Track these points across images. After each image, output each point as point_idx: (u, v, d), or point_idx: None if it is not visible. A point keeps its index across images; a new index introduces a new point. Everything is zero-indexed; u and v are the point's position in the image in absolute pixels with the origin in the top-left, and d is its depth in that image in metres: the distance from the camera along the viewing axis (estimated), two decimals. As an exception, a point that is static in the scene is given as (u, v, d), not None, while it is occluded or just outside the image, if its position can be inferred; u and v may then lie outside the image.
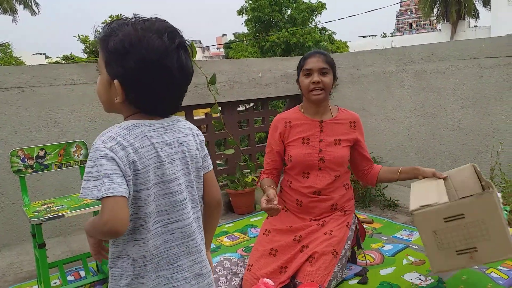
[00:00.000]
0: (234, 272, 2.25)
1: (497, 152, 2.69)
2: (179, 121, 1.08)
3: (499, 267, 2.24)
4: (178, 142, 1.05)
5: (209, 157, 1.15)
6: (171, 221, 1.03)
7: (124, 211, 0.92)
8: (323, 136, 2.15)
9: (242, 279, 2.13)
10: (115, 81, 0.97)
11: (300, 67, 2.16)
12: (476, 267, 2.26)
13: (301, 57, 2.24)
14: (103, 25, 1.00)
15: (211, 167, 1.15)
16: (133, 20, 0.98)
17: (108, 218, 0.90)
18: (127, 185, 0.93)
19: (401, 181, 2.25)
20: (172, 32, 0.98)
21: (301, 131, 2.16)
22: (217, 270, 2.29)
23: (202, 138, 1.13)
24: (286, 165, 2.25)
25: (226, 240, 2.84)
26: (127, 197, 0.93)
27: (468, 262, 1.69)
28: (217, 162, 3.68)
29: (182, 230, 1.06)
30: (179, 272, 1.06)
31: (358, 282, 2.17)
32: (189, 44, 1.02)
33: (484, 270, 2.23)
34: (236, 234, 2.95)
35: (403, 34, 37.65)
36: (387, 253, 2.49)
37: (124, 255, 1.01)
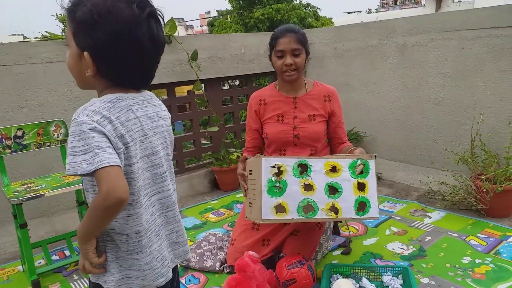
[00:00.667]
0: (219, 247, 2.27)
1: (478, 123, 2.73)
2: (153, 96, 1.08)
3: (478, 235, 2.31)
4: (158, 116, 1.05)
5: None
6: (152, 194, 1.04)
7: (124, 179, 0.89)
8: (297, 112, 2.12)
9: (226, 253, 2.15)
10: (85, 53, 0.93)
11: (272, 46, 2.08)
12: (455, 235, 2.33)
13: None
14: None
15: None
16: None
17: (109, 188, 0.86)
18: (119, 158, 0.91)
19: None
20: (142, 2, 0.94)
21: (276, 108, 2.14)
22: (202, 245, 2.30)
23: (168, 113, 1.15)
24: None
25: (212, 216, 2.86)
26: (122, 168, 0.91)
27: (250, 215, 1.74)
28: (201, 141, 3.65)
29: (161, 201, 1.07)
30: (164, 241, 1.09)
31: (341, 253, 2.21)
32: (160, 14, 0.99)
33: (464, 237, 2.29)
34: (222, 210, 2.96)
35: (388, 10, 37.49)
36: (370, 224, 2.54)
37: (115, 234, 0.99)
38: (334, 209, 1.66)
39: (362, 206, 1.69)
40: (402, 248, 2.23)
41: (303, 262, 1.82)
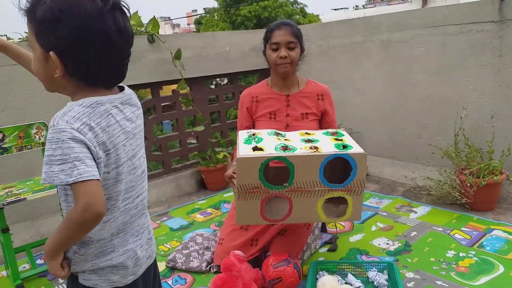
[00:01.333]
0: (206, 247, 2.26)
1: (461, 118, 2.76)
2: (133, 94, 1.05)
3: (463, 228, 2.34)
4: (135, 115, 1.03)
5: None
6: (135, 196, 1.04)
7: (102, 193, 0.89)
8: (290, 110, 2.11)
9: (213, 253, 2.15)
10: (51, 53, 0.89)
11: (266, 39, 2.08)
12: (440, 229, 2.35)
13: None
14: None
15: None
16: None
17: (88, 202, 0.85)
18: (97, 167, 0.89)
19: None
20: None
21: (268, 105, 2.13)
22: (189, 246, 2.29)
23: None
24: None
25: (199, 216, 2.85)
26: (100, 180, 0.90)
27: (235, 193, 1.72)
28: (187, 141, 3.63)
29: (143, 202, 1.08)
30: (140, 240, 1.08)
31: (328, 250, 2.22)
32: (125, 5, 0.95)
33: (449, 232, 2.32)
34: (209, 210, 2.95)
35: (375, 6, 37.68)
36: (356, 221, 2.55)
37: (90, 240, 0.98)
38: (312, 148, 1.62)
39: (343, 147, 1.63)
40: (388, 244, 2.24)
41: (289, 261, 1.82)
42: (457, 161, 2.68)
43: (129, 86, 1.07)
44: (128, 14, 0.96)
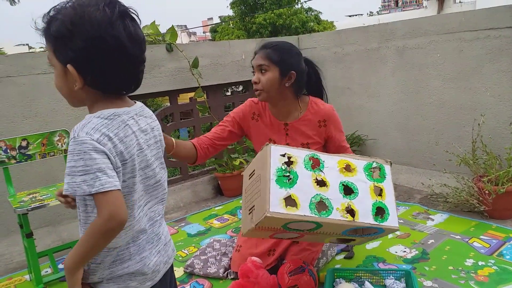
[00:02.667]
0: (223, 253, 2.28)
1: (479, 125, 2.74)
2: (144, 107, 1.08)
3: (481, 237, 2.31)
4: (150, 127, 1.06)
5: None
6: (144, 204, 1.05)
7: (123, 202, 0.92)
8: (289, 140, 1.94)
9: (231, 259, 2.17)
10: (68, 66, 0.92)
11: None
12: (458, 237, 2.33)
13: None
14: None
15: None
16: (69, 0, 0.94)
17: (111, 212, 0.88)
18: (118, 177, 0.93)
19: None
20: (110, 2, 0.93)
21: (267, 131, 1.96)
22: (206, 252, 2.32)
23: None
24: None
25: (215, 223, 2.87)
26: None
27: (250, 223, 1.44)
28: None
29: (153, 210, 1.10)
30: (155, 247, 1.10)
31: (344, 257, 2.22)
32: (134, 11, 0.98)
33: (467, 240, 2.29)
34: (226, 216, 2.98)
35: (390, 12, 37.49)
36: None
37: (106, 249, 0.99)
38: (350, 211, 1.44)
39: (380, 211, 1.49)
40: (405, 251, 2.23)
41: (304, 268, 1.83)
42: (475, 168, 2.66)
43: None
44: (137, 21, 0.98)
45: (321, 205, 1.42)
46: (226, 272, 2.11)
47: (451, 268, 2.02)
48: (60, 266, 2.41)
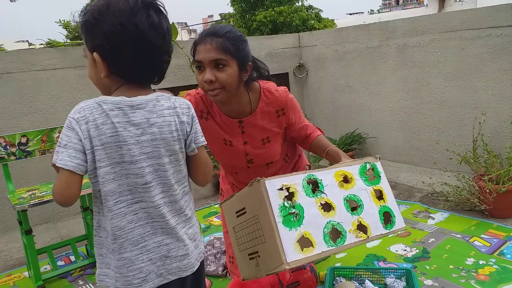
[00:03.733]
0: (223, 251, 2.28)
1: (479, 123, 2.73)
2: (157, 100, 1.02)
3: (482, 235, 2.31)
4: (148, 123, 1.00)
5: (197, 138, 1.09)
6: (134, 201, 1.01)
7: (70, 186, 0.95)
8: (246, 137, 1.67)
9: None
10: (94, 54, 0.97)
11: (193, 55, 1.51)
12: (459, 236, 2.32)
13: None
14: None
15: (196, 151, 1.10)
16: None
17: (54, 188, 0.96)
18: (86, 159, 0.95)
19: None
20: None
21: (220, 131, 1.67)
22: (206, 250, 2.31)
23: (186, 117, 1.06)
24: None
25: (215, 220, 2.87)
26: (78, 173, 0.95)
27: (256, 271, 1.31)
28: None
29: (146, 210, 1.02)
30: (144, 253, 1.03)
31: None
32: (160, 4, 1.02)
33: (468, 239, 2.29)
34: (225, 214, 2.97)
35: (390, 11, 37.44)
36: (373, 226, 2.53)
37: (100, 226, 1.05)
38: (362, 228, 1.38)
39: (387, 217, 1.46)
40: (405, 250, 2.23)
41: (306, 264, 1.82)
42: (475, 167, 2.65)
43: None
44: (164, 12, 1.02)
45: (334, 233, 1.33)
46: (225, 271, 2.11)
47: (452, 267, 2.02)
48: (59, 263, 2.40)
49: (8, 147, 2.17)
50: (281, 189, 1.27)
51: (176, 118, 1.04)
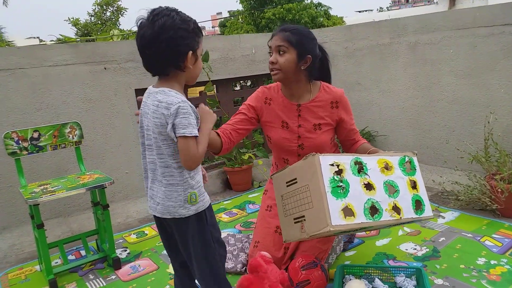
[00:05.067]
0: (240, 248, 2.27)
1: (488, 122, 2.70)
2: (156, 93, 1.33)
3: (493, 235, 2.28)
4: (150, 106, 1.35)
5: (176, 129, 1.30)
6: (143, 156, 1.43)
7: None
8: (301, 121, 1.96)
9: (248, 255, 2.16)
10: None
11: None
12: (470, 235, 2.30)
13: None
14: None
15: (175, 139, 1.32)
16: None
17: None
18: None
19: None
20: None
21: (280, 113, 1.99)
22: None
23: (166, 110, 1.30)
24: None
25: (224, 216, 2.87)
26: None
27: (300, 233, 1.53)
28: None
29: (145, 166, 1.43)
30: (147, 191, 1.45)
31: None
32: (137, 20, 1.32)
33: (479, 238, 2.27)
34: (234, 211, 2.98)
35: (400, 8, 37.13)
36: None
37: None
38: (397, 209, 1.57)
39: (418, 204, 1.64)
40: (415, 249, 2.21)
41: (317, 263, 1.82)
42: (487, 166, 2.62)
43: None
44: (149, 25, 1.29)
45: (373, 209, 1.52)
46: (244, 267, 2.10)
47: (463, 266, 2.00)
48: (70, 257, 2.43)
49: (20, 142, 2.19)
50: (332, 164, 1.50)
51: (159, 109, 1.31)
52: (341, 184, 1.48)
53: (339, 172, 1.50)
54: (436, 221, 2.53)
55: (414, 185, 1.68)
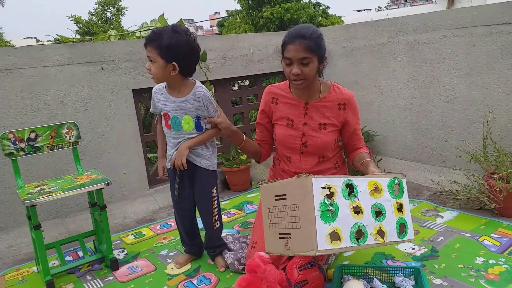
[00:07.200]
0: (239, 248, 2.26)
1: (487, 121, 2.70)
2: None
3: (492, 235, 2.28)
4: None
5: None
6: None
7: None
8: (307, 119, 1.99)
9: (246, 255, 2.14)
10: None
11: (281, 51, 1.91)
12: (468, 235, 2.30)
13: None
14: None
15: None
16: None
17: None
18: None
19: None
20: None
21: (286, 111, 2.02)
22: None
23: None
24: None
25: (223, 217, 2.86)
26: None
27: (284, 249, 1.55)
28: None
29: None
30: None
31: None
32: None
33: (477, 238, 2.26)
34: (232, 211, 2.97)
35: (398, 7, 37.16)
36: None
37: None
38: (381, 233, 1.59)
39: (402, 228, 1.68)
40: (414, 249, 2.21)
41: (314, 263, 1.81)
42: (485, 165, 2.62)
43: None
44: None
45: (359, 233, 1.54)
46: (242, 267, 2.09)
47: (461, 266, 2.00)
48: (67, 258, 2.42)
49: (17, 143, 2.18)
50: (324, 187, 1.49)
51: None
52: (331, 208, 1.48)
53: (330, 195, 1.50)
54: (435, 220, 2.53)
55: (400, 208, 1.69)
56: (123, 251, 2.45)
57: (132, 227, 2.82)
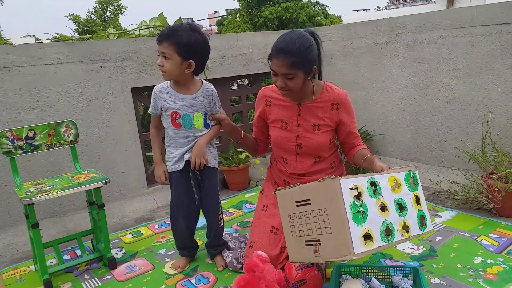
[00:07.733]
0: (237, 247, 2.26)
1: (487, 121, 2.70)
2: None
3: (490, 234, 2.28)
4: None
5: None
6: None
7: None
8: (301, 120, 1.98)
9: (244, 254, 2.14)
10: None
11: (269, 59, 1.88)
12: (467, 235, 2.30)
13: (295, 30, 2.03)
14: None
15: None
16: None
17: None
18: None
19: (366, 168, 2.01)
20: None
21: (280, 113, 2.03)
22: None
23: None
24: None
25: (220, 216, 2.86)
26: None
27: (314, 257, 1.51)
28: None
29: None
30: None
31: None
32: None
33: (475, 237, 2.27)
34: (231, 210, 2.96)
35: (398, 7, 37.18)
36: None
37: None
38: (406, 228, 1.59)
39: (422, 220, 1.68)
40: (412, 248, 2.21)
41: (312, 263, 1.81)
42: (484, 165, 2.62)
43: (154, 86, 1.55)
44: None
45: (387, 231, 1.52)
46: (240, 265, 2.08)
47: (459, 265, 2.00)
48: (65, 257, 2.41)
49: (15, 141, 2.17)
50: (352, 188, 1.45)
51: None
52: (361, 209, 1.44)
53: (359, 196, 1.46)
54: (433, 220, 2.53)
55: (417, 200, 1.70)
56: (121, 250, 2.45)
57: (130, 226, 2.82)
